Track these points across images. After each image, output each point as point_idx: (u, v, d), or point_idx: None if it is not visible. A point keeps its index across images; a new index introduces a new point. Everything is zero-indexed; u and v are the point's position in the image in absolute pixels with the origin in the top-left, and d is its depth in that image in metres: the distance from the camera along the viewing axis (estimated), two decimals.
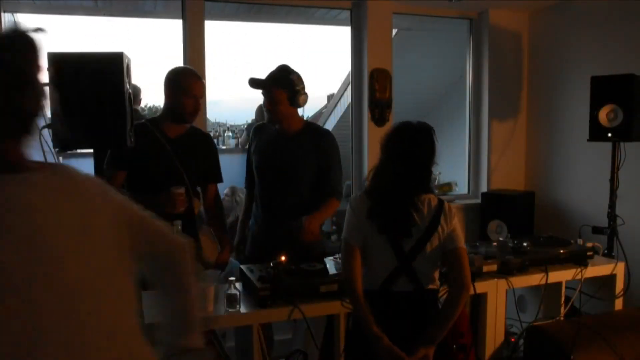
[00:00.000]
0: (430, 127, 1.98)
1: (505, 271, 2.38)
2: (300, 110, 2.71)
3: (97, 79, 1.74)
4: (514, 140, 4.36)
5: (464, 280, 1.81)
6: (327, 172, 2.61)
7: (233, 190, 4.86)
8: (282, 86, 2.53)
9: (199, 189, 2.62)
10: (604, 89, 3.07)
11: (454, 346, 1.96)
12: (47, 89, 1.09)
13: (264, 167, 2.67)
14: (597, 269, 2.60)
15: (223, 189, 5.18)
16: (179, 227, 2.10)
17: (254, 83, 2.59)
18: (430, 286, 1.86)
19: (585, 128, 3.15)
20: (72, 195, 1.01)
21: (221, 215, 2.79)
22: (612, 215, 3.12)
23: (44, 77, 1.11)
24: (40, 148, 1.79)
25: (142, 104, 5.11)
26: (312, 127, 2.74)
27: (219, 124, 8.61)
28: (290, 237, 2.48)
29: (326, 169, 2.61)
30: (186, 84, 2.46)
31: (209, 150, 2.66)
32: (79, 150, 4.08)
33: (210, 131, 7.52)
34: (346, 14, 4.04)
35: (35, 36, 1.01)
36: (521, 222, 3.89)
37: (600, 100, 3.07)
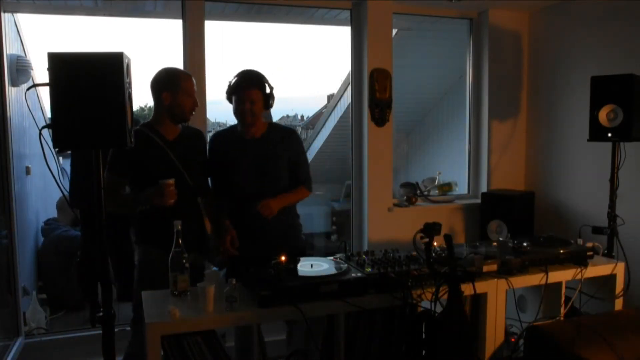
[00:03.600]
0: None
1: (505, 271, 2.38)
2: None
3: (97, 79, 1.74)
4: (514, 140, 4.36)
5: None
6: (297, 166, 2.75)
7: None
8: (259, 87, 2.60)
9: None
10: (604, 89, 3.06)
11: (454, 346, 1.96)
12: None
13: (240, 172, 2.67)
14: (597, 269, 2.60)
15: None
16: (179, 227, 2.11)
17: (233, 89, 2.61)
18: None
19: (585, 128, 3.15)
20: None
21: (219, 204, 2.80)
22: (612, 215, 3.12)
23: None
24: (40, 148, 1.79)
25: (142, 104, 5.12)
26: (277, 127, 2.82)
27: (219, 124, 8.61)
28: (274, 236, 2.61)
29: (296, 163, 2.74)
30: (185, 84, 2.49)
31: (203, 147, 2.74)
32: None
33: (210, 131, 7.52)
34: (346, 14, 4.04)
35: None
36: (521, 222, 3.89)
37: (600, 100, 3.07)
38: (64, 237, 4.56)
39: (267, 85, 2.62)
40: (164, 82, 2.49)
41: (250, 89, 2.58)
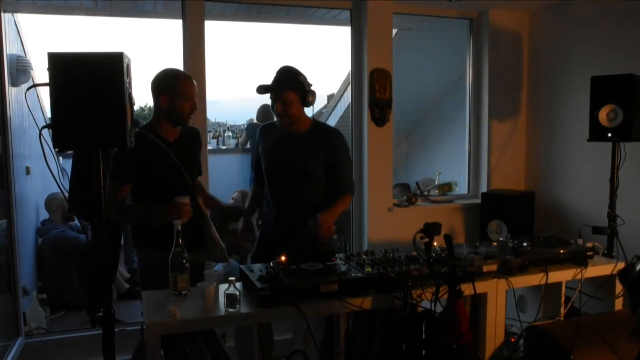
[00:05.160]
0: None
1: (505, 271, 2.38)
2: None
3: (97, 79, 1.74)
4: (514, 140, 4.36)
5: None
6: (336, 169, 2.66)
7: (243, 195, 4.83)
8: (294, 88, 2.55)
9: None
10: (604, 89, 3.06)
11: (454, 346, 1.96)
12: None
13: (274, 168, 2.69)
14: (597, 269, 2.60)
15: (223, 188, 5.19)
16: (179, 227, 2.11)
17: (264, 89, 2.58)
18: None
19: (585, 128, 3.15)
20: None
21: (205, 191, 2.84)
22: (612, 215, 3.12)
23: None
24: (40, 148, 1.79)
25: (142, 104, 5.13)
26: (319, 126, 2.76)
27: (219, 124, 8.61)
28: (306, 236, 2.52)
29: (335, 166, 2.66)
30: (183, 88, 2.46)
31: (200, 147, 2.75)
32: None
33: (210, 131, 7.52)
34: (346, 14, 4.03)
35: None
36: (521, 222, 3.90)
37: (600, 100, 3.07)
38: (62, 237, 4.56)
39: (303, 83, 2.57)
40: (163, 85, 2.46)
41: (282, 91, 2.54)
